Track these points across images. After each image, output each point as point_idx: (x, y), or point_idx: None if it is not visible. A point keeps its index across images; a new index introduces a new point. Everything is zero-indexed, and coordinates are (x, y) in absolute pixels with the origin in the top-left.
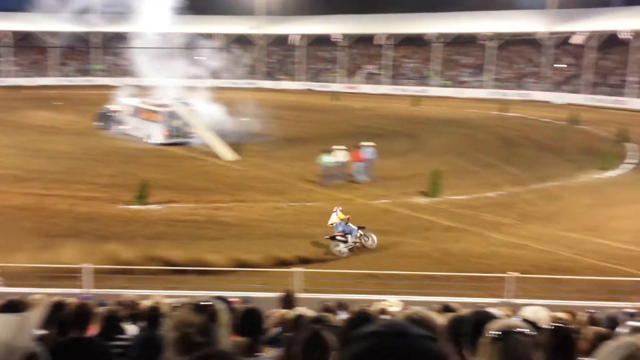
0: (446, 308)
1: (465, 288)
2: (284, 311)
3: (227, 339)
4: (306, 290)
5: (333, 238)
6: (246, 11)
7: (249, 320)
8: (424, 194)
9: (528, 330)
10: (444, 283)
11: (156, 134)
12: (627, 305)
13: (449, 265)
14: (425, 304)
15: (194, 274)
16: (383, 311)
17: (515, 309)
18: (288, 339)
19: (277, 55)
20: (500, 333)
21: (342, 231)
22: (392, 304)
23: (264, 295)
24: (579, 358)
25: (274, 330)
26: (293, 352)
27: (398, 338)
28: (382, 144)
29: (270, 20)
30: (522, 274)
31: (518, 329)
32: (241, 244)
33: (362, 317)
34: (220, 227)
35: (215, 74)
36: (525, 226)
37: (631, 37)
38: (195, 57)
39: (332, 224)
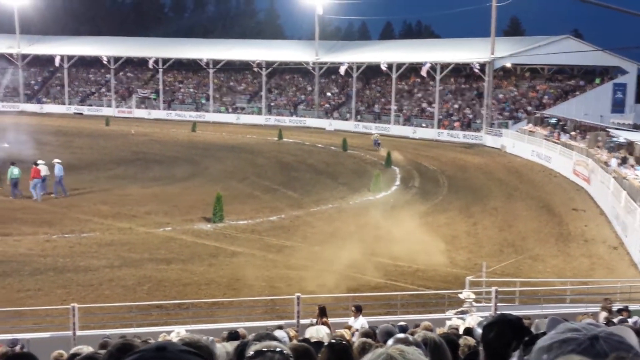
0: (233, 334)
1: (254, 312)
2: (57, 353)
3: None
4: (86, 327)
5: (377, 145)
6: (3, 29)
7: None
8: (207, 219)
9: (282, 349)
10: (233, 309)
11: None
12: (401, 319)
13: (237, 291)
14: (214, 332)
15: None
16: None
17: (300, 329)
18: None
19: (40, 76)
20: (253, 353)
21: (378, 142)
22: (178, 335)
23: (38, 336)
24: None
25: None
26: None
27: (156, 352)
28: (163, 170)
29: (30, 39)
30: (308, 294)
31: (271, 349)
32: (9, 282)
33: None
34: None
35: None
36: (308, 248)
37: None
38: None
39: (375, 140)
